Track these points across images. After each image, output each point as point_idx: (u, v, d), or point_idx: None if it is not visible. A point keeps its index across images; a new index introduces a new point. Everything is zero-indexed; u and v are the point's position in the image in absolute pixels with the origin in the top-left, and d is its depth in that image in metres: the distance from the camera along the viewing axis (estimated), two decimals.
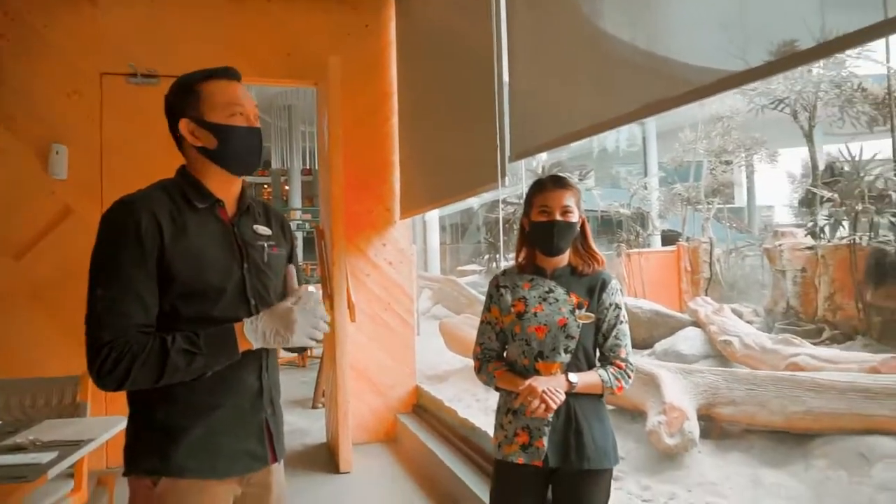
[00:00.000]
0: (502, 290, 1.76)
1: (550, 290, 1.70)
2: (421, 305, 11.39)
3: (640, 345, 6.09)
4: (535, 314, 1.68)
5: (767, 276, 8.12)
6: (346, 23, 4.41)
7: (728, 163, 11.56)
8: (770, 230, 9.65)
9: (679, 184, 11.99)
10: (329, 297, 3.92)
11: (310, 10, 4.32)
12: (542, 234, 1.70)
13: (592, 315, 1.67)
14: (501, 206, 10.86)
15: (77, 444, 2.01)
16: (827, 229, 6.50)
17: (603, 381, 1.63)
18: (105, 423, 2.25)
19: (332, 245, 3.86)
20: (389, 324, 4.54)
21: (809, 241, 6.70)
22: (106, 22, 3.90)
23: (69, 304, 3.68)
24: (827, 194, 6.73)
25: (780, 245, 6.93)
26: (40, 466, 1.81)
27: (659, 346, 5.69)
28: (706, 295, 7.73)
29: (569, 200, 1.69)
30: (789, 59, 1.45)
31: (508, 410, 1.71)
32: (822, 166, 8.12)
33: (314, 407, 5.47)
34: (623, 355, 1.68)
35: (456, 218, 21.63)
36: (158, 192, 1.29)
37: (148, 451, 1.25)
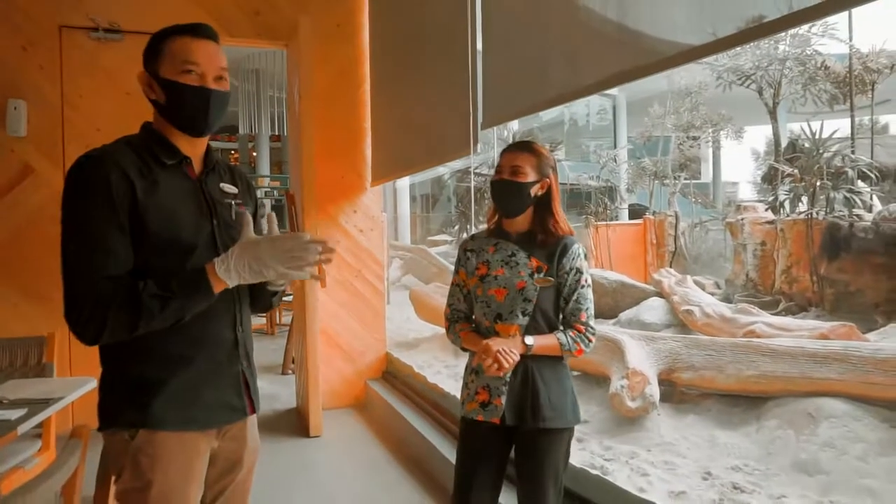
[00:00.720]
0: (468, 254, 1.80)
1: (513, 254, 1.72)
2: (391, 275, 11.41)
3: (606, 314, 6.24)
4: (496, 277, 1.71)
5: (729, 249, 8.35)
6: None
7: (695, 138, 11.76)
8: (733, 205, 9.91)
9: (647, 158, 12.16)
10: None
11: None
12: (493, 192, 1.75)
13: (551, 279, 1.68)
14: (473, 175, 10.86)
15: (46, 402, 2.00)
16: (787, 204, 6.69)
17: (561, 343, 1.65)
18: (73, 383, 2.24)
19: (303, 211, 3.84)
20: (360, 291, 4.55)
21: (770, 215, 6.89)
22: None
23: (29, 264, 3.63)
24: (788, 170, 6.91)
25: (741, 219, 7.12)
26: (10, 423, 1.81)
27: (624, 316, 5.83)
28: (670, 267, 7.92)
29: (522, 161, 1.70)
30: (754, 30, 1.49)
31: (472, 370, 1.75)
32: (784, 143, 8.33)
33: (284, 373, 5.49)
34: (583, 319, 1.69)
35: (427, 188, 21.57)
36: (125, 148, 1.28)
37: (124, 404, 1.25)
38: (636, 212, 13.42)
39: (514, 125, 13.20)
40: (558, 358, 1.70)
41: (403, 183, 14.88)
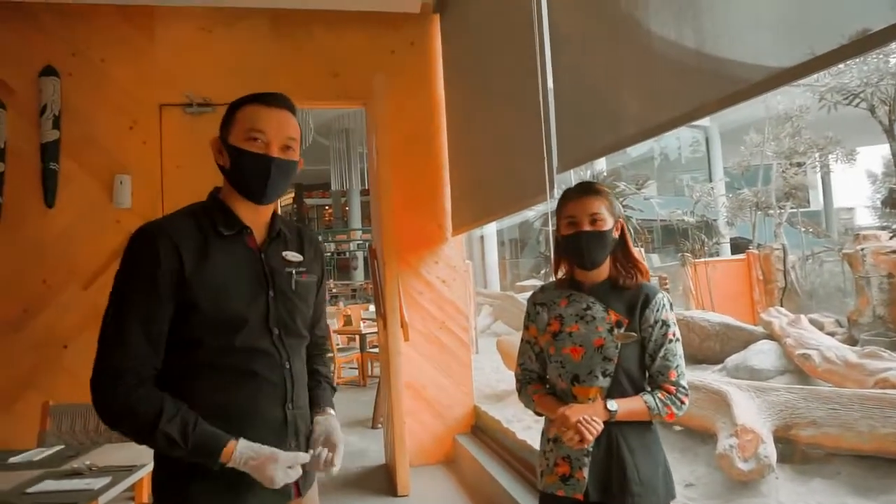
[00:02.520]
0: (539, 308, 1.66)
1: (588, 308, 1.56)
2: (480, 322, 11.30)
3: (710, 360, 5.79)
4: (570, 334, 1.56)
5: (849, 283, 7.58)
6: (389, 41, 4.44)
7: (800, 164, 10.98)
8: (850, 234, 9.04)
9: (746, 189, 11.45)
10: (382, 316, 3.91)
11: (353, 32, 4.37)
12: (572, 246, 1.57)
13: (634, 334, 1.52)
14: (552, 218, 10.66)
15: (129, 470, 2.04)
16: None
17: (649, 407, 1.48)
18: None
19: (384, 264, 3.85)
20: (445, 342, 4.47)
21: (895, 244, 6.21)
22: (162, 55, 4.07)
23: None
24: None
25: (862, 249, 6.45)
26: (93, 492, 1.84)
27: (730, 362, 5.35)
28: (781, 305, 7.27)
29: (598, 207, 1.56)
30: (857, 44, 1.30)
31: (549, 439, 1.60)
32: None
33: (374, 427, 5.46)
34: (673, 378, 1.51)
35: (514, 232, 21.49)
36: (185, 219, 1.30)
37: (171, 485, 1.24)
38: (738, 245, 12.62)
39: (602, 166, 12.93)
40: (647, 423, 1.53)
41: (490, 229, 14.88)
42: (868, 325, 6.19)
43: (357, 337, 7.94)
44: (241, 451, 1.21)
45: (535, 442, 3.44)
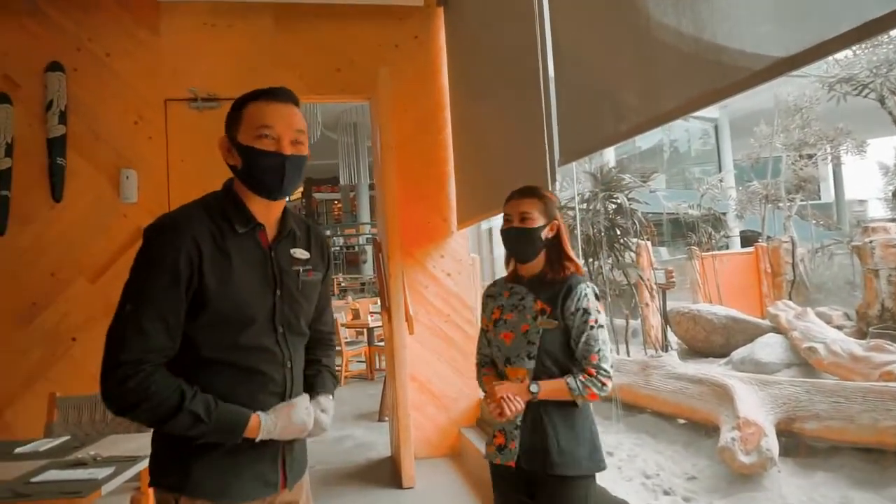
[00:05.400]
0: (487, 300, 1.88)
1: (522, 298, 1.76)
2: None
3: (716, 353, 5.77)
4: (506, 321, 1.76)
5: (859, 276, 7.51)
6: (394, 35, 4.43)
7: (810, 156, 10.87)
8: (861, 226, 8.95)
9: (756, 181, 11.35)
10: (387, 309, 3.92)
11: (357, 26, 4.37)
12: (504, 240, 1.81)
13: (556, 321, 1.68)
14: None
15: (133, 460, 2.07)
16: None
17: (570, 388, 1.64)
18: None
19: (389, 257, 3.86)
20: (450, 335, 4.48)
21: None
22: (167, 49, 4.09)
23: None
24: None
25: (871, 242, 6.39)
26: (96, 482, 1.87)
27: (736, 355, 5.33)
28: (789, 298, 7.22)
29: (528, 207, 1.75)
30: (857, 31, 1.29)
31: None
32: None
33: (380, 420, 5.49)
34: (594, 361, 1.66)
35: None
36: (201, 213, 1.28)
37: (170, 465, 1.26)
38: (748, 238, 12.53)
39: (610, 158, 12.86)
40: (573, 403, 1.68)
41: (497, 222, 14.85)
42: (877, 318, 6.13)
43: (365, 331, 7.97)
44: (267, 421, 1.25)
45: None
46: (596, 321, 1.68)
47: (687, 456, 3.12)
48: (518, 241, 1.76)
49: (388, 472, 4.08)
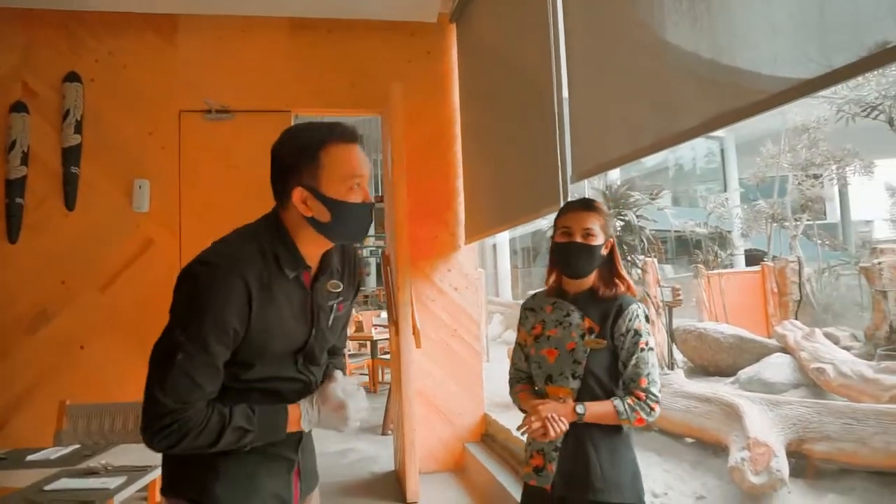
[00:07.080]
0: (527, 313, 1.80)
1: (568, 314, 1.69)
2: (492, 331, 11.28)
3: (723, 372, 5.74)
4: (549, 337, 1.69)
5: (866, 297, 7.48)
6: (406, 50, 4.48)
7: (816, 176, 10.87)
8: (868, 247, 8.93)
9: (762, 200, 11.35)
10: (394, 322, 3.92)
11: (370, 39, 4.41)
12: (562, 254, 1.70)
13: (604, 341, 1.62)
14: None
15: (144, 470, 2.07)
16: None
17: (618, 411, 1.57)
18: None
19: (397, 270, 3.87)
20: (456, 350, 4.48)
21: None
22: (183, 61, 4.14)
23: (147, 331, 3.86)
24: None
25: (879, 263, 6.38)
26: (108, 491, 1.88)
27: (743, 374, 5.31)
28: (796, 318, 7.20)
29: (591, 223, 1.67)
30: (879, 56, 1.30)
31: (522, 432, 1.68)
32: None
33: (383, 433, 5.47)
34: (643, 385, 1.59)
35: (527, 241, 21.44)
36: (253, 253, 1.20)
37: (189, 477, 1.25)
38: (753, 257, 12.50)
39: (615, 176, 12.89)
40: (616, 427, 1.62)
41: (503, 238, 14.88)
42: (885, 339, 6.11)
43: (368, 343, 7.95)
44: (307, 407, 1.25)
45: None
46: (647, 343, 1.62)
47: (695, 475, 3.10)
48: (579, 257, 1.67)
49: (392, 487, 4.05)
